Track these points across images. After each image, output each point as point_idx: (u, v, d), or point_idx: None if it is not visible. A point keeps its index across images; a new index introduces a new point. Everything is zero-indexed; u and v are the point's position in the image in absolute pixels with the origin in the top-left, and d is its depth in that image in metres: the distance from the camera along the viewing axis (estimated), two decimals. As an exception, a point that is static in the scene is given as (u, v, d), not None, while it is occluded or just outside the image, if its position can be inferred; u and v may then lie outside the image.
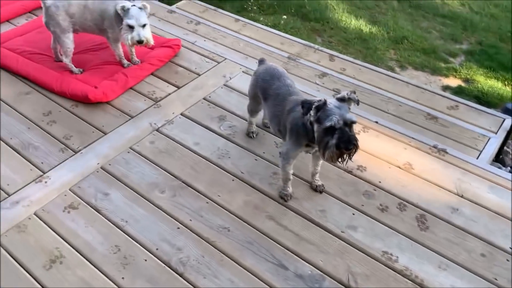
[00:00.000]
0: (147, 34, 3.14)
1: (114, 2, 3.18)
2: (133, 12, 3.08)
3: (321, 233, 2.46)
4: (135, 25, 3.08)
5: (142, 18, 3.10)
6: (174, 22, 4.46)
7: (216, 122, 3.15)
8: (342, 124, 2.07)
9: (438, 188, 2.71)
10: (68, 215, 2.51)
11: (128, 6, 3.07)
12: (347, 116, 2.08)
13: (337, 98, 2.15)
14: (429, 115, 3.55)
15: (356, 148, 2.10)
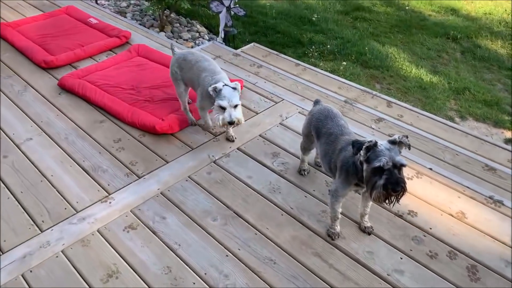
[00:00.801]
0: (238, 114, 3.00)
1: (211, 76, 3.16)
2: (225, 93, 2.97)
3: (367, 274, 2.46)
4: (227, 106, 2.96)
5: (235, 98, 2.98)
6: (238, 64, 4.75)
7: (269, 158, 3.28)
8: (391, 166, 2.12)
9: (491, 240, 2.63)
10: (127, 235, 2.70)
11: (220, 87, 2.97)
12: (397, 158, 2.13)
13: (389, 141, 2.22)
14: (487, 166, 3.48)
15: (404, 191, 2.13)
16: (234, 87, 3.01)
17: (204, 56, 3.37)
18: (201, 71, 3.22)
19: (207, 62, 3.28)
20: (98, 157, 3.32)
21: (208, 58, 3.35)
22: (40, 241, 2.66)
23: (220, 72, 3.22)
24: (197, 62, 3.28)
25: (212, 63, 3.30)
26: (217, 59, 4.77)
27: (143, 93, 3.90)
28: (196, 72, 3.25)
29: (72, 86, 4.01)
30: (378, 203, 2.19)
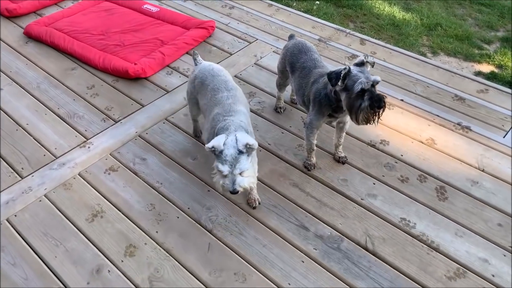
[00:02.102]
0: (245, 181, 2.13)
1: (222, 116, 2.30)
2: (227, 155, 2.07)
3: (342, 199, 2.59)
4: (228, 173, 2.10)
5: (241, 164, 2.09)
6: (210, 6, 4.64)
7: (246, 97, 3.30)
8: (370, 86, 2.19)
9: (459, 163, 2.78)
10: (109, 176, 2.75)
11: (221, 148, 2.07)
12: (372, 78, 2.20)
13: (356, 64, 2.27)
14: (456, 96, 3.59)
15: (385, 106, 2.21)
16: (242, 150, 2.06)
17: (228, 80, 2.53)
18: (214, 105, 2.38)
19: (226, 92, 2.42)
20: (73, 104, 3.29)
21: (231, 86, 2.48)
22: (22, 187, 2.68)
23: (237, 112, 2.31)
24: (214, 90, 2.45)
25: (235, 95, 2.43)
26: (187, 1, 4.65)
27: (113, 38, 3.81)
28: (209, 103, 2.44)
29: (39, 34, 3.88)
30: (364, 124, 2.26)
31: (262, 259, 2.30)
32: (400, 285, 2.16)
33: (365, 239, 2.37)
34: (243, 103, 2.45)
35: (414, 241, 2.36)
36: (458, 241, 2.35)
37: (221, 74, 2.57)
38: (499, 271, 2.22)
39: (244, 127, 2.24)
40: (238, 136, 2.09)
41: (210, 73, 2.57)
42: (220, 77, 2.54)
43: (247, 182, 2.15)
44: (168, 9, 4.32)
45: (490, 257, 2.27)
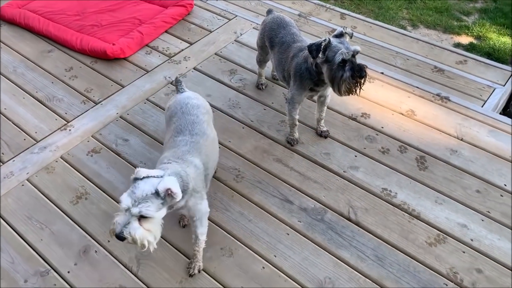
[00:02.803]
0: (140, 233, 1.66)
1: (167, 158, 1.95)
2: (138, 189, 1.67)
3: (325, 173, 2.62)
4: (123, 209, 1.68)
5: (147, 208, 1.66)
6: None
7: (227, 75, 3.30)
8: (350, 56, 2.20)
9: (438, 132, 2.83)
10: (91, 158, 2.73)
11: (140, 175, 1.71)
12: (352, 47, 2.21)
13: (335, 36, 2.28)
14: (436, 68, 3.63)
15: (367, 75, 2.22)
16: (159, 192, 1.66)
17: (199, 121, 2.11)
18: (169, 148, 2.05)
19: (189, 136, 2.04)
20: (52, 87, 3.24)
21: (198, 131, 2.07)
22: (3, 172, 2.65)
23: (187, 162, 1.92)
24: (177, 130, 2.09)
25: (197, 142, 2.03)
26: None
27: (90, 19, 3.74)
28: (167, 144, 2.13)
29: (13, 16, 3.78)
30: (347, 95, 2.27)
31: (248, 233, 2.33)
32: (383, 253, 2.22)
33: (348, 210, 2.42)
34: (203, 155, 1.99)
35: (395, 210, 2.42)
36: (438, 209, 2.41)
37: (193, 113, 2.13)
38: (477, 235, 2.29)
39: (185, 180, 1.81)
40: (165, 178, 1.70)
41: (181, 109, 2.15)
42: (190, 117, 2.11)
43: (141, 235, 1.65)
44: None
45: (469, 222, 2.34)
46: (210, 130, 2.17)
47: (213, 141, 2.16)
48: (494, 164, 2.63)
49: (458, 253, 2.22)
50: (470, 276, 2.13)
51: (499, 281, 2.11)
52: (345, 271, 2.16)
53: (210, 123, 2.24)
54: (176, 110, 2.18)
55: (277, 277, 2.15)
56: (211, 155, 2.11)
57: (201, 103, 2.24)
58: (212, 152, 2.12)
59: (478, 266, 2.17)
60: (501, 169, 2.60)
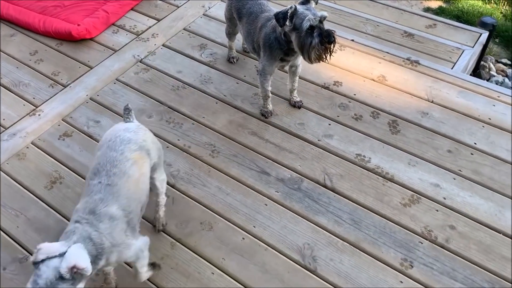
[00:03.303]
0: None
1: None
2: (41, 277, 1.41)
3: (300, 143, 2.64)
4: None
5: None
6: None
7: (197, 50, 3.25)
8: (318, 22, 2.19)
9: (409, 96, 2.86)
10: (63, 142, 2.68)
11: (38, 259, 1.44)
12: (319, 13, 2.20)
13: (300, 3, 2.26)
14: (405, 33, 3.65)
15: (336, 40, 2.21)
16: (63, 276, 1.41)
17: (122, 160, 1.81)
18: (84, 194, 1.79)
19: (105, 178, 1.77)
20: (17, 72, 3.15)
21: (119, 171, 1.79)
22: (-28, 162, 2.59)
23: (101, 216, 1.67)
24: (93, 170, 1.82)
25: (114, 184, 1.76)
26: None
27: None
28: (84, 189, 1.87)
29: (-30, 1, 3.62)
30: (317, 62, 2.26)
31: (226, 206, 2.34)
32: (359, 216, 2.27)
33: (323, 178, 2.45)
34: (122, 199, 1.73)
35: (370, 174, 2.46)
36: (411, 170, 2.46)
37: (118, 149, 1.82)
38: (449, 193, 2.35)
39: (97, 242, 1.59)
40: (67, 253, 1.44)
41: (109, 142, 1.86)
42: (112, 154, 1.81)
43: None
44: (107, -36, 4.09)
45: (441, 182, 2.40)
46: (137, 169, 1.82)
47: (137, 181, 1.82)
48: (464, 124, 2.69)
49: (431, 212, 2.28)
50: (444, 233, 2.20)
51: (471, 235, 2.18)
52: (323, 236, 2.20)
53: (142, 163, 1.87)
54: (103, 143, 1.90)
55: (257, 246, 2.18)
56: (134, 196, 1.80)
57: (135, 138, 1.89)
58: (135, 193, 1.81)
59: (451, 223, 2.24)
60: (471, 128, 2.66)
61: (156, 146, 2.06)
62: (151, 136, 2.06)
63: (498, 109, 2.76)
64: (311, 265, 2.10)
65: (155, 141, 2.08)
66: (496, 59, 4.26)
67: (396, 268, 2.08)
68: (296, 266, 2.11)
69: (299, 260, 2.12)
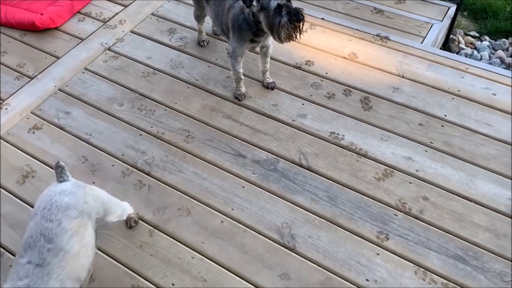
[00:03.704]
0: None
1: None
2: None
3: (274, 124, 2.64)
4: None
5: None
6: None
7: (166, 35, 3.20)
8: (285, 0, 2.17)
9: (380, 72, 2.89)
10: (34, 135, 2.62)
11: None
12: None
13: None
14: (375, 9, 3.66)
15: (304, 18, 2.20)
16: None
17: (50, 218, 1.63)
18: (17, 256, 1.64)
19: (25, 260, 1.57)
20: (-20, 66, 3.05)
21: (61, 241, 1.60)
22: None
23: None
24: (24, 244, 1.61)
25: (54, 256, 1.58)
26: None
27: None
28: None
29: None
30: (288, 41, 2.25)
31: (203, 191, 2.34)
32: (335, 193, 2.30)
33: (299, 157, 2.46)
34: (55, 282, 1.54)
35: (344, 151, 2.48)
36: (384, 145, 2.50)
37: (54, 219, 1.61)
38: (422, 165, 2.40)
39: None
40: None
41: (43, 210, 1.64)
42: (47, 225, 1.60)
43: None
44: (69, -50, 3.96)
45: (414, 155, 2.45)
46: (77, 240, 1.62)
47: (76, 257, 1.61)
48: (434, 97, 2.73)
49: (405, 184, 2.33)
50: (418, 205, 2.25)
51: (444, 205, 2.24)
52: (300, 214, 2.22)
53: (84, 231, 1.67)
54: (36, 211, 1.65)
55: (236, 228, 2.19)
56: (71, 275, 1.60)
57: (74, 202, 1.67)
58: (72, 271, 1.60)
59: (424, 194, 2.29)
60: (441, 101, 2.70)
61: (101, 201, 1.83)
62: (93, 193, 1.81)
63: (467, 80, 2.81)
64: (289, 243, 2.13)
65: (99, 195, 1.84)
66: (465, 32, 4.33)
67: (373, 241, 2.12)
68: (275, 245, 2.13)
69: (278, 239, 2.15)
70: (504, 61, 3.84)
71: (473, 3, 4.53)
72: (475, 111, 2.64)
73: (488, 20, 4.39)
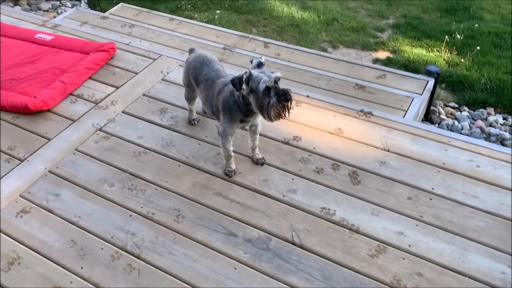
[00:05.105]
0: None
1: None
2: None
3: (265, 200, 2.66)
4: None
5: None
6: (108, 27, 4.55)
7: (157, 115, 3.28)
8: (273, 82, 2.28)
9: (366, 146, 2.97)
10: (21, 219, 2.58)
11: None
12: (273, 75, 2.30)
13: (253, 67, 2.37)
14: (357, 85, 3.84)
15: (292, 98, 2.30)
16: None
17: None
18: None
19: None
20: (-30, 149, 3.06)
21: None
22: None
23: None
24: None
25: None
26: (84, 25, 4.51)
27: (7, 73, 3.59)
28: None
29: None
30: (277, 119, 2.33)
31: (195, 274, 2.29)
32: (329, 272, 2.27)
33: (291, 234, 2.45)
34: None
35: (336, 227, 2.48)
36: (375, 220, 2.51)
37: None
38: (413, 240, 2.40)
39: None
40: None
41: None
42: None
43: None
44: (63, 35, 4.15)
45: (405, 229, 2.46)
46: None
47: None
48: (421, 170, 2.79)
49: (398, 260, 2.31)
50: (412, 281, 2.22)
51: (438, 281, 2.21)
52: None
53: None
54: None
55: (229, 313, 2.12)
56: None
57: None
58: None
59: (418, 270, 2.27)
60: (427, 174, 2.76)
61: None
62: None
63: (450, 153, 2.90)
64: (285, 328, 2.06)
65: None
66: (445, 103, 4.53)
67: (370, 323, 2.07)
68: (270, 331, 2.06)
69: (272, 324, 2.08)
70: (484, 131, 3.99)
71: (449, 76, 4.79)
72: (461, 183, 2.70)
73: (466, 91, 4.62)
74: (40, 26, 4.37)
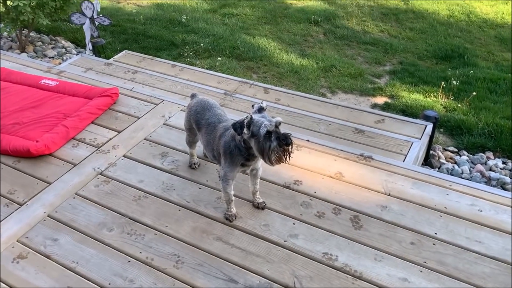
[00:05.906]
0: None
1: None
2: None
3: (266, 245, 2.62)
4: None
5: None
6: (112, 73, 4.65)
7: (158, 159, 3.30)
8: (274, 127, 2.30)
9: (367, 191, 2.96)
10: (17, 265, 2.53)
11: None
12: (274, 119, 2.34)
13: (254, 112, 2.41)
14: (356, 130, 3.88)
15: (292, 142, 2.32)
16: None
17: None
18: None
19: None
20: (-30, 193, 3.04)
21: None
22: None
23: None
24: None
25: None
26: (88, 71, 4.61)
27: (10, 117, 3.64)
28: None
29: None
30: (278, 163, 2.34)
31: (194, 322, 2.22)
32: (332, 320, 2.20)
33: (293, 281, 2.40)
34: None
35: (338, 273, 2.43)
36: (378, 266, 2.46)
37: None
38: (418, 287, 2.34)
39: None
40: None
41: None
42: None
43: None
44: (68, 81, 4.24)
45: (409, 275, 2.41)
46: None
47: None
48: (423, 214, 2.77)
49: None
50: (419, 330, 2.15)
51: (446, 330, 2.14)
52: None
53: None
54: None
55: None
56: None
57: None
58: None
59: (424, 318, 2.20)
60: (429, 218, 2.74)
61: None
62: None
63: (452, 197, 2.88)
64: None
65: None
66: (444, 147, 4.56)
67: None
68: None
69: None
70: (484, 175, 3.99)
71: (447, 121, 4.85)
72: (464, 228, 2.67)
73: (464, 135, 4.66)
74: (45, 72, 4.48)
